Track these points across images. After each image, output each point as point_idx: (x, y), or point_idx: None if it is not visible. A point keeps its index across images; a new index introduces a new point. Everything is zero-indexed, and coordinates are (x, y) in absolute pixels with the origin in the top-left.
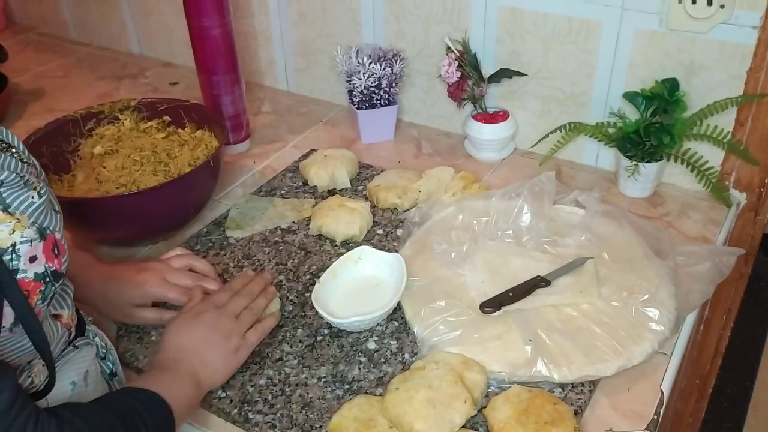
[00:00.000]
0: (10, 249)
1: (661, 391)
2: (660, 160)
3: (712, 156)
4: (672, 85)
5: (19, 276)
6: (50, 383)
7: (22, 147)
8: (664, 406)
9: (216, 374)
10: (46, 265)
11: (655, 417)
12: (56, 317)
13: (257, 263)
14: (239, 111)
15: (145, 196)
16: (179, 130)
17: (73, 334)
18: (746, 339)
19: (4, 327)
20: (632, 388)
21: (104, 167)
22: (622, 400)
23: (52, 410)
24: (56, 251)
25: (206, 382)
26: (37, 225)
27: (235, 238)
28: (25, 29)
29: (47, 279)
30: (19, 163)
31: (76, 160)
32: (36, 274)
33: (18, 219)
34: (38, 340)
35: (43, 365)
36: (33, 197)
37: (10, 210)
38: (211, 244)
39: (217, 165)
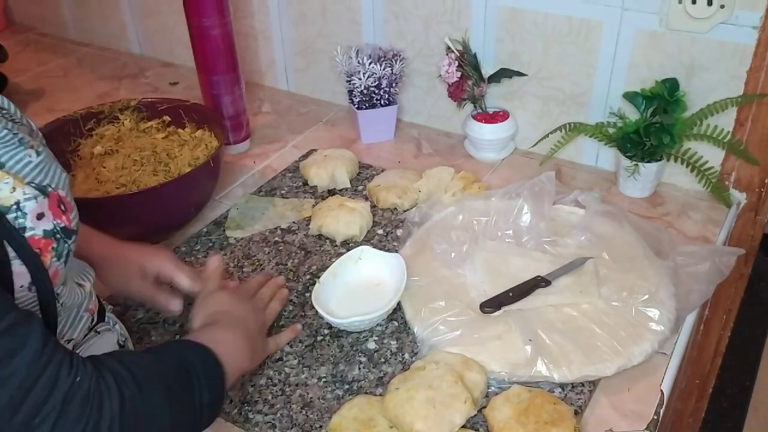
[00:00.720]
0: (14, 207)
1: (661, 391)
2: (660, 160)
3: (712, 156)
4: (672, 85)
5: (28, 234)
6: None
7: (13, 109)
8: (664, 406)
9: (256, 356)
10: (55, 222)
11: (655, 417)
12: (79, 285)
13: (257, 263)
14: (239, 111)
15: (145, 196)
16: (179, 130)
17: (95, 319)
18: (746, 339)
19: (22, 287)
20: (632, 388)
21: (104, 167)
22: (622, 400)
23: (92, 357)
24: (63, 207)
25: (256, 361)
26: (35, 184)
27: (235, 238)
28: (25, 29)
29: (58, 236)
30: (10, 123)
31: (76, 160)
32: (45, 231)
33: (14, 177)
34: (46, 300)
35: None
36: (30, 155)
37: (5, 168)
38: (211, 244)
39: (217, 165)
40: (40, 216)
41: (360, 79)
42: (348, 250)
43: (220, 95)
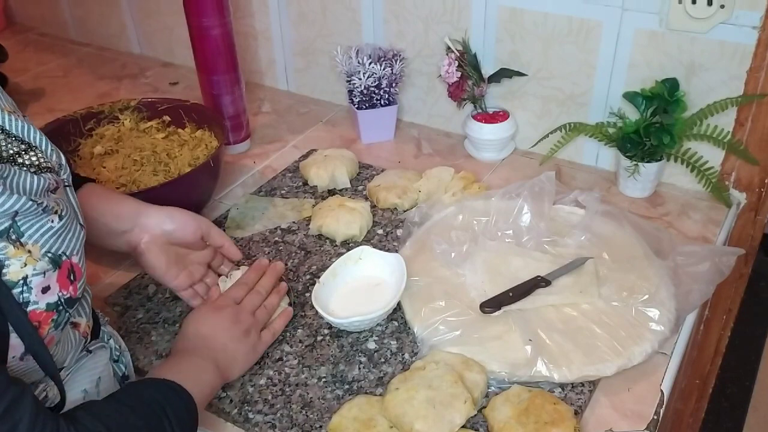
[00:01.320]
0: (22, 282)
1: (661, 391)
2: (660, 160)
3: (712, 156)
4: (672, 85)
5: (30, 308)
6: (61, 402)
7: (45, 144)
8: (664, 406)
9: (236, 366)
10: (60, 294)
11: (655, 417)
12: (75, 325)
13: None
14: (239, 111)
15: (145, 196)
16: (179, 130)
17: (89, 339)
18: (746, 339)
19: (14, 357)
20: (632, 388)
21: (104, 167)
22: (622, 400)
23: (71, 415)
24: (72, 277)
25: (226, 372)
26: (51, 254)
27: (235, 238)
28: (25, 29)
29: (60, 307)
30: (35, 178)
31: (76, 160)
32: (48, 304)
33: (29, 251)
34: (50, 369)
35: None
36: (53, 221)
37: (22, 240)
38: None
39: (217, 165)
40: (45, 290)
41: (360, 79)
42: (348, 250)
43: (220, 95)
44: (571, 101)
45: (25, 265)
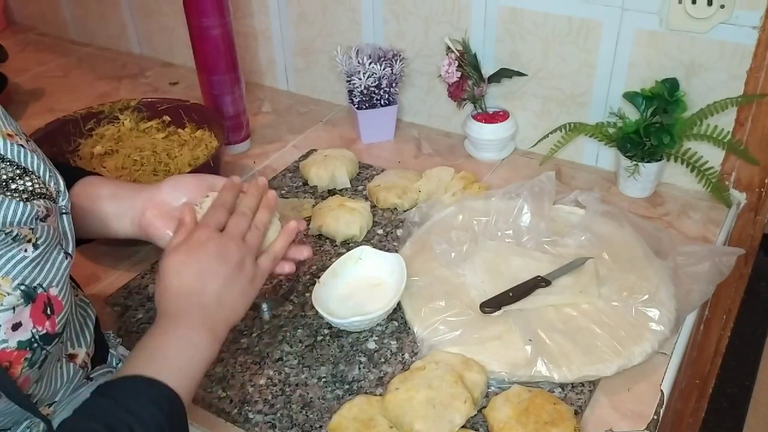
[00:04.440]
0: None
1: (661, 391)
2: (660, 160)
3: (712, 156)
4: (672, 85)
5: None
6: None
7: (43, 170)
8: (664, 406)
9: (234, 313)
10: (34, 330)
11: (655, 417)
12: (71, 357)
13: None
14: (239, 111)
15: None
16: (179, 130)
17: (90, 367)
18: (746, 339)
19: None
20: (632, 388)
21: (104, 167)
22: (622, 400)
23: None
24: (49, 311)
25: (224, 325)
26: (24, 286)
27: None
28: (25, 29)
29: (35, 345)
30: (21, 206)
31: (76, 160)
32: (20, 342)
33: None
34: (28, 407)
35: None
36: (26, 251)
37: None
38: None
39: (217, 165)
40: (16, 326)
41: (360, 79)
42: (348, 250)
43: (220, 95)
44: (571, 101)
45: None
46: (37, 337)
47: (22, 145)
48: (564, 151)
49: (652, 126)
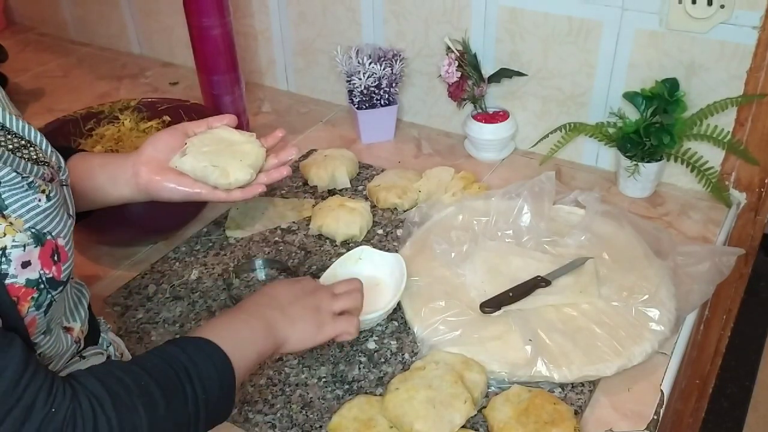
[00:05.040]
0: (0, 252)
1: (661, 391)
2: (660, 160)
3: (712, 156)
4: (672, 85)
5: (8, 281)
6: None
7: (45, 145)
8: (664, 406)
9: (294, 337)
10: (42, 272)
11: (655, 417)
12: (68, 329)
13: None
14: (239, 111)
15: None
16: None
17: (82, 345)
18: (746, 339)
19: None
20: (632, 388)
21: None
22: (622, 400)
23: (71, 374)
24: (56, 257)
25: (283, 341)
26: (35, 230)
27: (235, 238)
28: (25, 29)
29: (41, 286)
30: (29, 164)
31: None
32: (28, 280)
33: (11, 222)
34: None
35: None
36: (40, 200)
37: (5, 212)
38: (211, 244)
39: None
40: (25, 264)
41: (360, 79)
42: (348, 250)
43: (220, 95)
44: (571, 101)
45: (4, 234)
46: (44, 279)
47: (26, 122)
48: (564, 151)
49: (652, 126)
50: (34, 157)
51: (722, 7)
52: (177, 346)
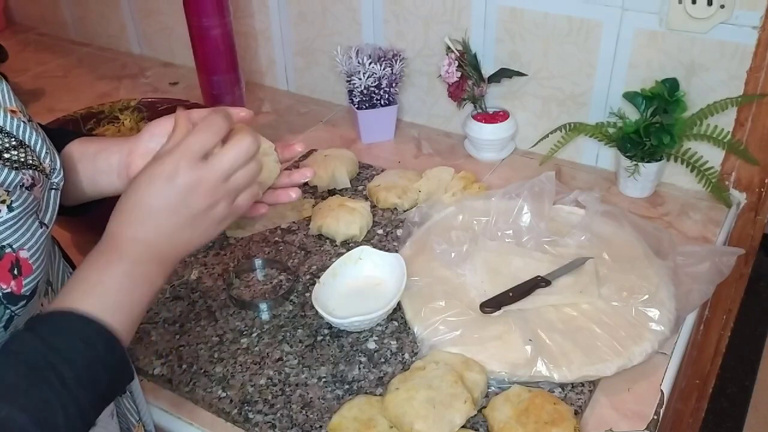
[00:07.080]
0: None
1: (661, 391)
2: (660, 160)
3: (712, 156)
4: (672, 85)
5: None
6: None
7: (40, 146)
8: (664, 406)
9: (189, 248)
10: None
11: (655, 417)
12: None
13: None
14: None
15: None
16: None
17: None
18: (746, 339)
19: None
20: (632, 388)
21: None
22: (622, 400)
23: None
24: (16, 272)
25: (174, 260)
26: None
27: (235, 238)
28: (25, 29)
29: None
30: (7, 172)
31: None
32: None
33: None
34: None
35: None
36: (0, 211)
37: None
38: (211, 244)
39: None
40: None
41: (360, 79)
42: (348, 250)
43: (220, 95)
44: (571, 101)
45: None
46: (0, 294)
47: (24, 121)
48: (564, 151)
49: (652, 126)
50: (22, 160)
51: (722, 7)
52: (38, 335)
